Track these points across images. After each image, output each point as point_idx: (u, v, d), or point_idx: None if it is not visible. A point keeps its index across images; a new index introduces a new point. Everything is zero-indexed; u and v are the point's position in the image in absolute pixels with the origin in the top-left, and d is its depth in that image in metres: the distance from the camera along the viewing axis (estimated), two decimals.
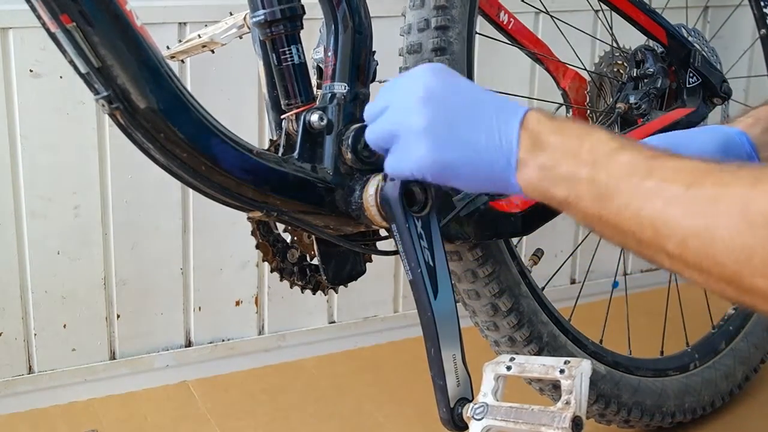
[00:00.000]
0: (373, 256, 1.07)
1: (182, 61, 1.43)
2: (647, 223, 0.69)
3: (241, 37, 1.24)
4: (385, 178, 0.91)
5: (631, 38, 1.43)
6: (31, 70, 1.40)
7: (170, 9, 1.47)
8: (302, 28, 0.96)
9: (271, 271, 1.04)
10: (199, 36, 1.26)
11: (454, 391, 0.92)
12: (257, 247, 1.01)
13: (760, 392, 1.58)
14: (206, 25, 1.30)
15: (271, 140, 1.03)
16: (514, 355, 0.89)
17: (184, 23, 1.48)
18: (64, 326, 1.51)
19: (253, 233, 1.01)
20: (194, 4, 1.49)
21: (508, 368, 0.88)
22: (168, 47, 1.34)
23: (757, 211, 0.62)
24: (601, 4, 1.36)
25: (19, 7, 0.74)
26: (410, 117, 0.79)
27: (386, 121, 0.82)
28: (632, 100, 1.36)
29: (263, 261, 1.04)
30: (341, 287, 1.05)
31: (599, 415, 1.33)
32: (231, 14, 1.24)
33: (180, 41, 1.37)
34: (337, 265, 1.02)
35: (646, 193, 0.69)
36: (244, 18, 1.20)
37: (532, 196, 0.78)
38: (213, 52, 1.30)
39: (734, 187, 0.65)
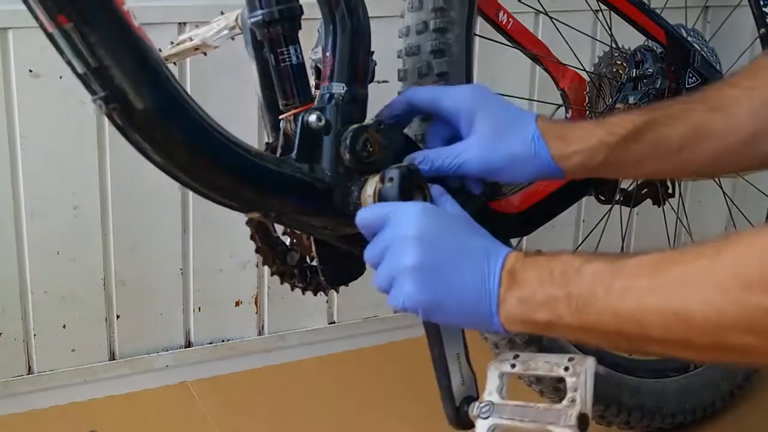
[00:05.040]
0: None
1: (174, 63, 1.42)
2: (627, 319, 0.72)
3: (233, 39, 1.22)
4: (383, 178, 0.91)
5: (631, 38, 1.42)
6: (30, 70, 1.40)
7: (170, 9, 1.47)
8: (300, 28, 0.95)
9: (272, 275, 1.03)
10: (191, 39, 1.25)
11: (459, 390, 0.92)
12: (257, 251, 1.01)
13: (761, 393, 1.58)
14: (197, 26, 1.29)
15: (267, 143, 1.02)
16: (518, 353, 0.89)
17: (184, 23, 1.48)
18: (64, 326, 1.51)
19: (252, 237, 1.01)
20: (194, 4, 1.49)
21: (513, 366, 0.87)
22: (160, 50, 1.32)
23: (725, 275, 0.66)
24: (601, 4, 1.36)
25: (19, 7, 0.73)
26: (403, 258, 0.82)
27: (386, 267, 0.84)
28: (631, 100, 1.35)
29: (263, 265, 1.04)
30: (341, 287, 1.05)
31: (600, 417, 1.33)
32: (222, 14, 1.22)
33: (171, 43, 1.35)
34: (336, 266, 1.02)
35: (619, 293, 0.73)
36: (236, 19, 1.18)
37: (514, 329, 0.81)
38: (205, 54, 1.29)
39: (697, 262, 0.69)
